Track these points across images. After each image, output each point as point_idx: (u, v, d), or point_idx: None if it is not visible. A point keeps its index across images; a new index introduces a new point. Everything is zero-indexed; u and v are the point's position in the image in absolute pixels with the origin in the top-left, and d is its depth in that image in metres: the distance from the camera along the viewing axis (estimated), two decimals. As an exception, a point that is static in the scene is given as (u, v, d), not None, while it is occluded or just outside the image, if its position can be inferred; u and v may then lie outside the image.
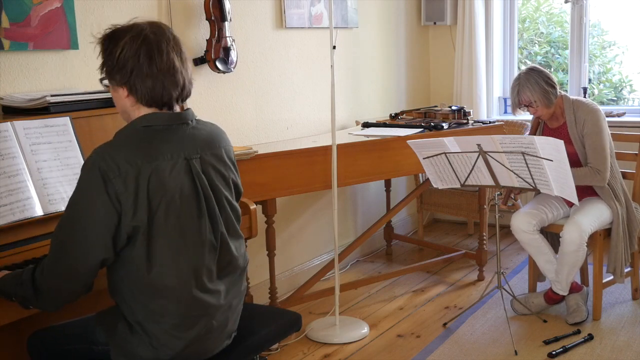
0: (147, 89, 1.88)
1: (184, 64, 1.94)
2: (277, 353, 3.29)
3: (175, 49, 1.91)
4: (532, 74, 3.42)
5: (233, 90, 3.66)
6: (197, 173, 1.92)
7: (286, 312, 2.46)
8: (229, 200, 2.03)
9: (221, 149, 2.03)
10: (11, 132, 2.33)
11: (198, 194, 1.92)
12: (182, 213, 1.88)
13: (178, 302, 1.91)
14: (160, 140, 1.88)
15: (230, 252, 2.02)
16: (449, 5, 5.08)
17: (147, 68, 1.86)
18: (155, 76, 1.87)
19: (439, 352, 3.24)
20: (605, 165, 3.38)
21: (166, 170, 1.85)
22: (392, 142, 3.65)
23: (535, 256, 3.52)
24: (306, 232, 4.25)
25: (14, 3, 2.60)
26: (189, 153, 1.91)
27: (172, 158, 1.87)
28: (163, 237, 1.86)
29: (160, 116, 1.90)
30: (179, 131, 1.92)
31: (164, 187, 1.84)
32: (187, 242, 1.90)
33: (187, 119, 1.95)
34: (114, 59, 1.87)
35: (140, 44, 1.86)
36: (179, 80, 1.91)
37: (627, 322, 3.47)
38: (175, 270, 1.88)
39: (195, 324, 1.95)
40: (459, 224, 5.41)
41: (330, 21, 3.27)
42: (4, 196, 2.22)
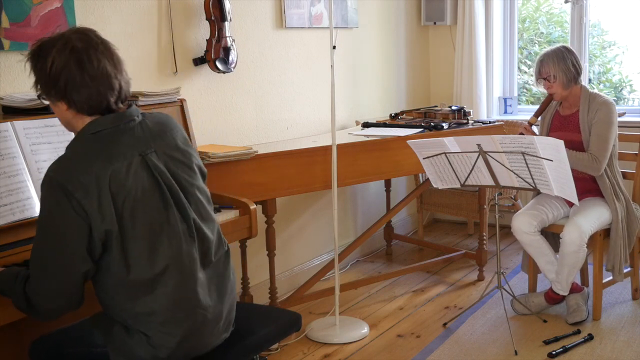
0: (85, 99, 1.86)
1: (117, 67, 1.91)
2: (277, 353, 3.29)
3: (106, 54, 1.89)
4: (562, 50, 3.45)
5: (233, 90, 3.66)
6: (155, 166, 1.91)
7: (286, 312, 2.46)
8: (196, 185, 2.02)
9: (173, 137, 2.01)
10: (11, 132, 2.33)
11: (160, 187, 1.91)
12: (147, 209, 1.88)
13: (164, 298, 1.91)
14: (111, 143, 1.87)
15: (207, 238, 2.01)
16: (449, 5, 5.08)
17: (80, 78, 1.84)
18: (89, 85, 1.85)
19: (439, 352, 3.24)
20: (604, 156, 3.38)
21: (122, 171, 1.84)
22: (392, 142, 3.64)
23: (536, 257, 3.52)
24: (306, 232, 4.25)
25: (14, 3, 2.60)
26: (142, 149, 1.91)
27: (127, 158, 1.86)
28: (135, 236, 1.86)
29: (105, 120, 1.89)
30: (128, 130, 1.91)
31: (125, 187, 1.84)
32: (160, 237, 1.90)
33: (133, 116, 1.94)
34: (46, 75, 1.85)
35: (68, 54, 1.84)
36: (114, 85, 1.89)
37: (627, 322, 3.47)
38: (153, 266, 1.88)
39: (186, 318, 1.95)
40: (459, 224, 5.41)
41: (330, 21, 3.27)
42: (4, 196, 2.22)
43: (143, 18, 3.17)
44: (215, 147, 3.26)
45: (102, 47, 1.89)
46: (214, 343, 2.06)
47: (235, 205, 2.88)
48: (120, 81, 1.91)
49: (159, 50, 3.25)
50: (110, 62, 1.89)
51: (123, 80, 1.93)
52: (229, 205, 2.89)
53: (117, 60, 1.92)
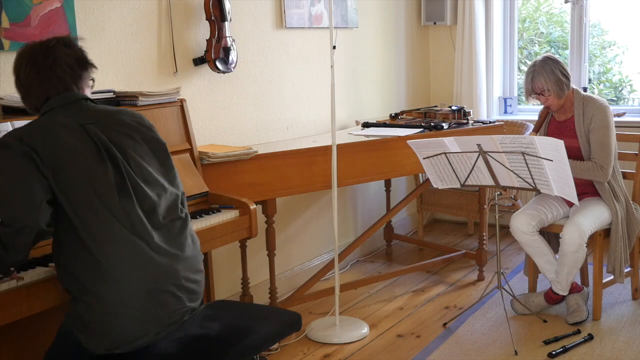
0: (36, 96, 2.14)
1: (59, 62, 2.12)
2: (277, 353, 3.29)
3: (49, 55, 2.12)
4: (548, 62, 3.43)
5: (233, 90, 3.66)
6: (94, 133, 2.07)
7: (286, 312, 2.46)
8: (140, 155, 2.14)
9: (123, 116, 2.18)
10: (11, 132, 2.33)
11: (97, 146, 2.06)
12: (82, 161, 2.03)
13: (110, 246, 1.99)
14: (54, 116, 2.09)
15: (148, 198, 2.09)
16: (449, 5, 5.08)
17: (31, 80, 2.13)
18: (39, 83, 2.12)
19: (439, 352, 3.24)
20: (608, 162, 3.38)
21: (60, 132, 2.03)
22: (392, 142, 3.65)
23: (535, 257, 3.52)
24: (306, 232, 4.25)
25: (14, 3, 2.60)
26: (83, 121, 2.09)
27: (65, 125, 2.05)
28: (74, 185, 2.00)
29: (52, 101, 2.11)
30: (72, 109, 2.11)
31: (62, 141, 2.02)
32: (95, 186, 2.02)
33: (79, 97, 2.14)
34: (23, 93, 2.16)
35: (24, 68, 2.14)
36: (58, 79, 2.12)
37: (627, 322, 3.47)
38: (93, 215, 1.99)
39: (137, 270, 2.01)
40: (459, 224, 5.41)
41: (330, 21, 3.27)
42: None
43: (143, 18, 3.17)
44: (215, 147, 3.26)
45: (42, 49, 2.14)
46: (177, 308, 2.09)
47: (235, 205, 2.88)
48: (63, 72, 2.13)
49: (159, 50, 3.25)
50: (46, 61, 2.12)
51: (65, 70, 2.14)
52: (229, 205, 2.89)
53: (59, 57, 2.14)
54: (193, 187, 2.86)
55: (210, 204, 2.93)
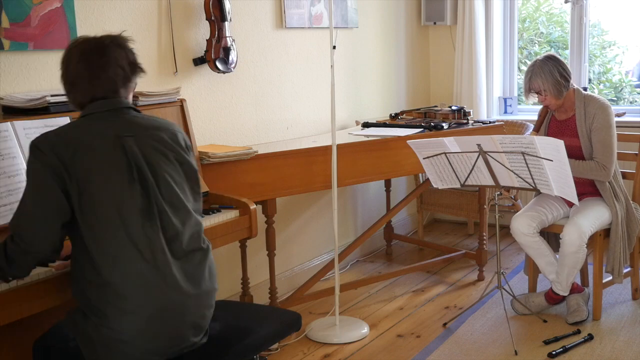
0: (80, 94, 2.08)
1: (116, 63, 2.08)
2: (277, 353, 3.29)
3: (113, 54, 2.11)
4: (548, 63, 3.42)
5: (233, 90, 3.66)
6: (129, 147, 2.01)
7: (286, 312, 2.46)
8: (171, 175, 2.07)
9: (162, 133, 2.10)
10: (11, 132, 2.33)
11: (129, 164, 1.99)
12: (111, 178, 1.97)
13: (124, 272, 1.94)
14: (93, 123, 2.03)
15: (173, 225, 2.03)
16: (449, 5, 5.08)
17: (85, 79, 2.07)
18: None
19: (439, 352, 3.24)
20: (611, 161, 3.38)
21: (94, 142, 1.98)
22: (392, 142, 3.64)
23: (536, 258, 3.52)
24: (306, 232, 4.25)
25: (14, 3, 2.60)
26: (120, 132, 2.02)
27: (102, 134, 2.00)
28: (98, 201, 1.94)
29: (96, 104, 2.05)
30: (114, 116, 2.05)
31: (94, 153, 1.96)
32: (120, 209, 1.95)
33: (121, 105, 2.07)
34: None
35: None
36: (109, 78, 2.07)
37: (627, 322, 3.47)
38: (113, 236, 1.94)
39: (147, 301, 1.96)
40: (459, 224, 5.41)
41: (330, 21, 3.27)
42: (4, 196, 2.22)
43: (143, 18, 3.17)
44: (215, 147, 3.26)
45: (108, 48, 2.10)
46: (184, 342, 2.04)
47: (235, 205, 2.88)
48: (114, 73, 2.08)
49: (159, 50, 3.25)
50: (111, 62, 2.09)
51: (117, 72, 2.09)
52: (229, 205, 2.89)
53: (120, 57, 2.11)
54: (193, 187, 2.86)
55: (210, 204, 2.93)
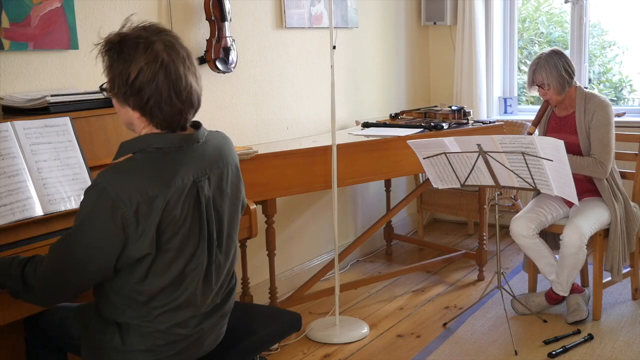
0: (164, 116, 1.80)
1: (198, 81, 1.86)
2: (277, 353, 3.29)
3: (191, 68, 1.83)
4: (553, 57, 3.42)
5: (233, 90, 3.66)
6: (205, 196, 1.85)
7: (286, 312, 2.46)
8: (232, 218, 1.98)
9: (228, 166, 1.95)
10: (11, 132, 2.32)
11: (201, 217, 1.86)
12: (185, 237, 1.83)
13: (168, 311, 1.88)
14: (172, 163, 1.80)
15: (223, 275, 2.00)
16: (449, 5, 5.08)
17: (166, 96, 1.77)
18: (174, 104, 1.78)
19: (439, 352, 3.24)
20: (608, 159, 3.38)
21: (175, 196, 1.77)
22: (392, 142, 3.64)
23: (536, 260, 3.52)
24: (306, 232, 4.25)
25: (14, 3, 2.60)
26: (197, 175, 1.83)
27: (182, 182, 1.79)
28: (165, 259, 1.81)
29: (173, 138, 1.81)
30: (189, 151, 1.84)
31: (172, 215, 1.78)
32: (185, 264, 1.85)
33: (198, 139, 1.87)
34: (128, 83, 1.76)
35: (157, 69, 1.76)
36: (195, 102, 1.84)
37: (627, 322, 3.47)
38: (169, 297, 1.86)
39: (175, 335, 1.92)
40: (459, 224, 5.41)
41: (330, 21, 3.27)
42: (4, 196, 2.22)
43: (143, 18, 3.15)
44: (215, 147, 3.26)
45: (188, 61, 1.83)
46: None
47: (235, 205, 2.88)
48: (199, 96, 1.86)
49: (159, 50, 3.24)
50: (193, 76, 1.83)
51: (200, 93, 1.87)
52: (229, 205, 2.89)
53: (197, 74, 1.86)
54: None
55: (210, 204, 2.93)
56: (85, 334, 1.97)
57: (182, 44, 1.84)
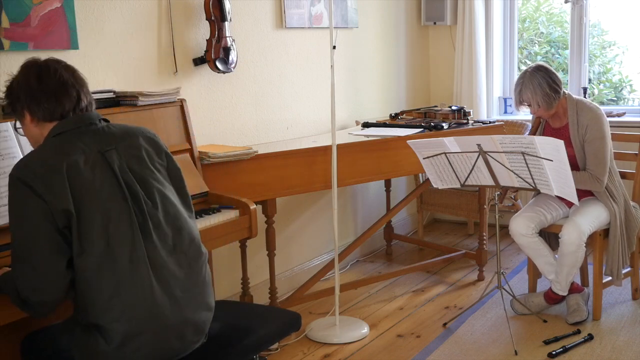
0: (43, 107, 1.98)
1: (78, 82, 2.03)
2: (277, 353, 3.29)
3: (67, 69, 2.03)
4: (537, 75, 3.39)
5: (233, 90, 3.66)
6: (114, 161, 1.98)
7: (286, 312, 2.46)
8: (161, 183, 2.06)
9: (137, 138, 2.08)
10: (11, 132, 2.33)
11: (118, 180, 1.97)
12: (105, 200, 1.93)
13: (128, 295, 1.91)
14: (71, 140, 1.96)
15: (170, 236, 2.02)
16: (449, 5, 5.08)
17: (37, 87, 1.97)
18: (46, 93, 1.98)
19: (439, 352, 3.24)
20: (603, 173, 3.37)
21: (80, 162, 1.92)
22: (392, 142, 3.65)
23: (535, 258, 3.52)
24: (306, 232, 4.25)
25: (14, 3, 2.60)
26: (102, 147, 1.99)
27: (85, 152, 1.95)
28: (92, 224, 1.89)
29: (67, 122, 1.99)
30: (89, 131, 2.01)
31: (82, 176, 1.91)
32: (117, 227, 1.92)
33: (94, 119, 2.04)
34: (10, 92, 2.03)
35: (29, 69, 2.01)
36: (72, 94, 2.00)
37: (627, 322, 3.47)
38: (109, 254, 1.90)
39: (153, 321, 1.94)
40: (459, 224, 5.41)
41: (330, 21, 3.27)
42: (4, 196, 2.22)
43: (143, 18, 3.17)
44: (215, 147, 3.26)
45: (65, 66, 2.04)
46: (178, 347, 2.03)
47: (235, 205, 2.88)
48: (79, 92, 2.02)
49: (159, 50, 3.25)
50: (70, 76, 2.02)
51: (83, 94, 2.03)
52: (229, 205, 2.89)
53: (79, 78, 2.05)
54: (193, 187, 2.85)
55: (210, 204, 2.93)
56: (74, 342, 1.98)
57: (65, 62, 2.07)
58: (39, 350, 2.14)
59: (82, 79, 2.06)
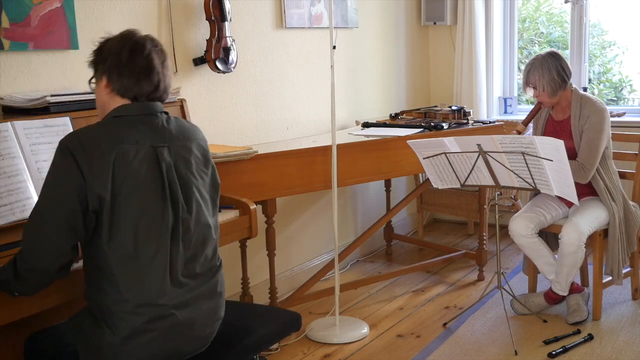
0: (122, 81, 1.99)
1: (164, 69, 2.05)
2: (277, 353, 3.29)
3: (160, 55, 2.04)
4: (548, 59, 3.40)
5: (233, 90, 3.66)
6: (163, 159, 1.98)
7: (286, 312, 2.46)
8: (200, 191, 2.07)
9: (191, 143, 2.09)
10: (11, 132, 2.33)
11: (162, 179, 1.97)
12: (145, 194, 1.93)
13: (144, 293, 1.92)
14: (128, 127, 1.97)
15: (194, 245, 2.03)
16: (449, 5, 5.08)
17: (125, 61, 1.98)
18: (131, 70, 1.98)
19: (439, 352, 3.24)
20: (592, 164, 3.36)
21: (130, 153, 1.92)
22: (392, 142, 3.65)
23: (535, 259, 3.52)
24: (306, 232, 4.25)
25: (14, 3, 2.60)
26: (155, 142, 1.99)
27: (138, 143, 1.95)
28: (126, 216, 1.90)
29: (129, 107, 2.01)
30: (148, 122, 2.01)
31: (129, 167, 1.91)
32: (149, 226, 1.93)
33: (156, 111, 2.04)
34: (101, 52, 2.03)
35: (125, 41, 2.01)
36: (154, 79, 2.02)
37: (627, 322, 3.47)
38: (136, 250, 1.91)
39: (161, 321, 1.95)
40: (459, 224, 5.41)
41: (330, 21, 3.27)
42: (4, 196, 2.22)
43: (143, 18, 3.17)
44: (215, 147, 3.26)
45: (160, 49, 2.05)
46: (187, 352, 2.04)
47: (235, 205, 2.88)
48: (160, 80, 2.03)
49: (159, 50, 3.25)
50: (160, 61, 2.03)
51: (164, 81, 2.05)
52: (229, 205, 2.89)
53: (166, 65, 2.06)
54: (193, 187, 2.85)
55: (210, 204, 2.93)
56: (80, 335, 1.98)
57: (161, 44, 2.08)
58: (42, 350, 2.14)
59: (169, 67, 2.07)
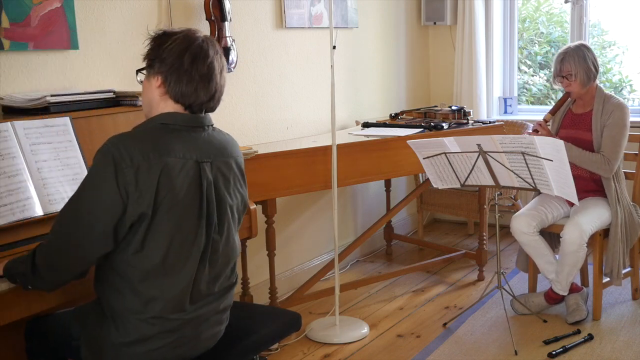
0: (180, 87, 1.93)
1: (222, 79, 2.01)
2: (277, 353, 3.29)
3: (219, 63, 1.99)
4: (582, 49, 3.47)
5: (233, 90, 3.66)
6: (206, 176, 1.95)
7: (286, 312, 2.46)
8: (232, 210, 2.05)
9: (231, 159, 2.06)
10: (11, 132, 2.32)
11: (202, 196, 1.94)
12: (183, 211, 1.91)
13: (158, 293, 1.91)
14: (175, 139, 1.92)
15: (219, 265, 2.04)
16: (449, 5, 5.08)
17: (187, 67, 1.92)
18: (191, 78, 1.93)
19: (439, 352, 3.24)
20: (616, 158, 3.40)
21: (176, 168, 1.88)
22: (392, 142, 3.65)
23: (535, 257, 3.52)
24: (306, 232, 4.25)
25: (14, 3, 2.60)
26: (200, 156, 1.95)
27: (184, 157, 1.91)
28: (161, 230, 1.87)
29: (179, 117, 1.95)
30: (194, 134, 1.97)
31: (172, 182, 1.88)
32: (182, 242, 1.91)
33: (204, 124, 2.00)
34: (161, 49, 1.94)
35: (189, 43, 1.94)
36: (211, 89, 1.98)
37: (627, 322, 3.47)
38: (164, 263, 1.89)
39: (171, 333, 1.95)
40: (459, 224, 5.41)
41: (330, 21, 3.27)
42: (4, 196, 2.22)
43: (143, 18, 3.17)
44: (215, 147, 3.26)
45: (220, 56, 2.01)
46: (185, 354, 2.04)
47: (235, 205, 2.88)
48: (217, 90, 2.00)
49: (159, 50, 3.24)
50: (219, 69, 1.99)
51: (220, 90, 2.01)
52: (229, 205, 2.89)
53: (224, 74, 2.03)
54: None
55: (210, 204, 2.93)
56: (84, 331, 1.99)
57: (220, 47, 2.04)
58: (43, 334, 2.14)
59: (225, 77, 2.04)
